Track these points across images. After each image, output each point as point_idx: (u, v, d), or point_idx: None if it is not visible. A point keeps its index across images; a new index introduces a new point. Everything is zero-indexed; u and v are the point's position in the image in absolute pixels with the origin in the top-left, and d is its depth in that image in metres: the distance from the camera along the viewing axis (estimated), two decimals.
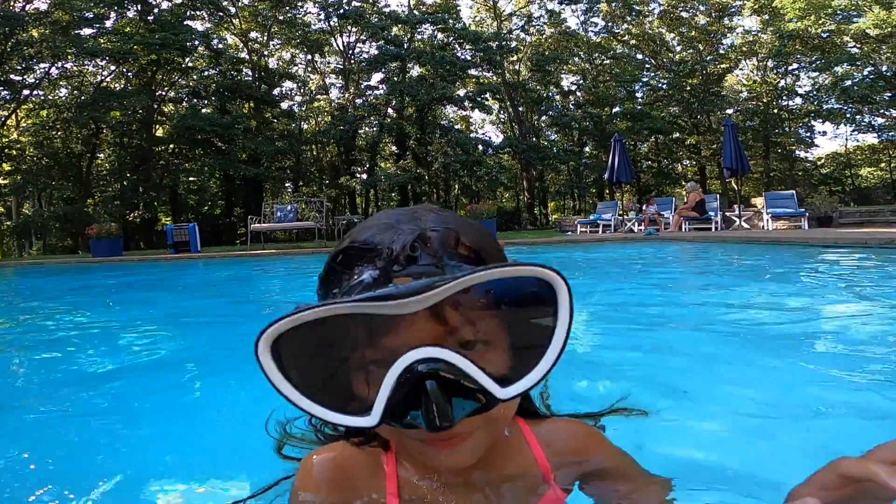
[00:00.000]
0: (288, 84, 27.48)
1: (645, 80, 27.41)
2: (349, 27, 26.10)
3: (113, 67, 22.81)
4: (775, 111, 25.46)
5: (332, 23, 26.16)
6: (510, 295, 0.52)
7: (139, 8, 22.31)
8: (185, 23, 22.97)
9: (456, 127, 27.24)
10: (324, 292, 0.57)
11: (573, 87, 28.97)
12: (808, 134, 25.73)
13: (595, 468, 0.69)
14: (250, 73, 25.23)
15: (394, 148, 26.97)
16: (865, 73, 22.05)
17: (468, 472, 0.61)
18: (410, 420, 0.50)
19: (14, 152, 21.70)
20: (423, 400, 0.48)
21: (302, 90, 27.27)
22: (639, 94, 27.74)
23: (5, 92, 20.86)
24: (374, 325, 0.51)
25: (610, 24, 27.47)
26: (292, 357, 0.51)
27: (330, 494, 0.61)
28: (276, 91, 26.44)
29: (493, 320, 0.53)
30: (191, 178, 25.61)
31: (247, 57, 25.46)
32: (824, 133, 31.46)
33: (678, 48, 27.31)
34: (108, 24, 21.86)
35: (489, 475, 0.63)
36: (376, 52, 24.84)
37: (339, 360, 0.53)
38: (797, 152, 26.69)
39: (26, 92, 21.53)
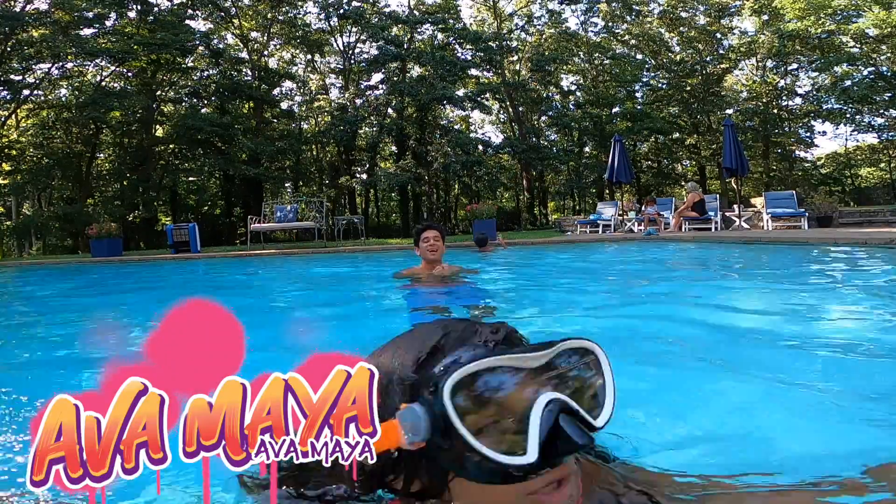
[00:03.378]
0: (288, 84, 27.45)
1: (645, 80, 27.37)
2: (349, 27, 26.08)
3: (113, 67, 22.78)
4: (775, 111, 25.43)
5: (332, 23, 26.14)
6: (575, 356, 0.67)
7: (139, 8, 22.30)
8: (186, 23, 22.97)
9: (456, 127, 27.21)
10: (419, 369, 0.66)
11: (573, 87, 28.95)
12: (808, 134, 25.68)
13: None
14: (250, 73, 25.20)
15: (394, 148, 26.95)
16: (865, 73, 22.02)
17: None
18: (561, 449, 0.59)
19: (14, 152, 21.67)
20: (566, 426, 0.59)
21: (302, 90, 27.24)
22: (639, 94, 27.70)
23: (5, 92, 20.81)
24: (511, 377, 0.61)
25: (610, 24, 27.47)
26: (463, 402, 0.60)
27: None
28: (276, 91, 26.38)
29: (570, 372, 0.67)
30: (190, 178, 25.59)
31: (247, 57, 25.43)
32: (824, 133, 31.38)
33: (678, 48, 27.29)
34: (109, 24, 21.85)
35: None
36: (376, 53, 24.80)
37: (492, 407, 0.61)
38: (797, 152, 26.64)
39: (26, 92, 21.48)
